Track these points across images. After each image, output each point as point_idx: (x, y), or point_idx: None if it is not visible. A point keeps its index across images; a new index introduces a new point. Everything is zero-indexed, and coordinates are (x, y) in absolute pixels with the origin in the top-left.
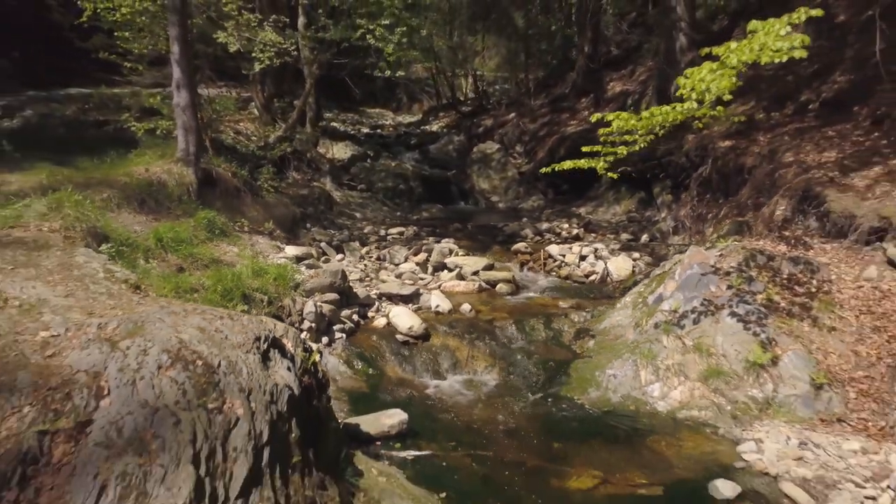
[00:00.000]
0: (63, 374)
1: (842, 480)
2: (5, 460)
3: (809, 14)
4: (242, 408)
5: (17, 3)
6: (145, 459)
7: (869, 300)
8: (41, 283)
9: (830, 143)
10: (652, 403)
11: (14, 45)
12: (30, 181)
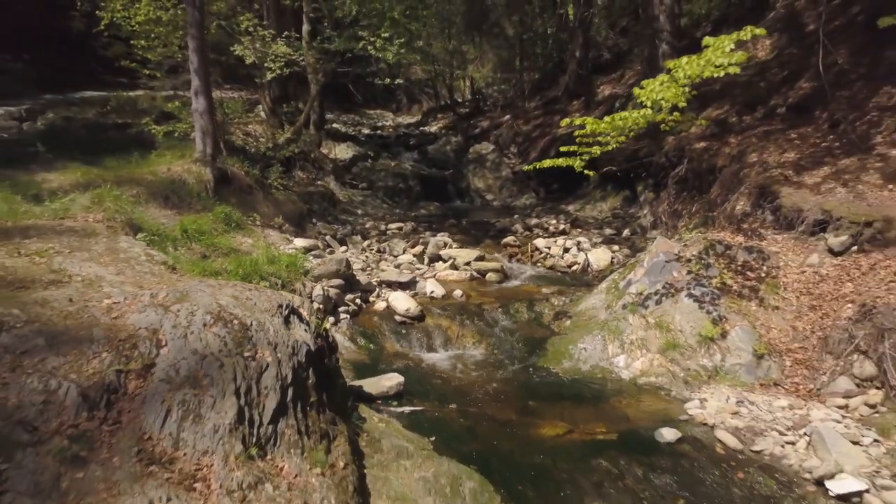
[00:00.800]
0: (128, 330)
1: (768, 429)
2: (94, 389)
3: (755, 32)
4: (271, 357)
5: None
6: (199, 391)
7: (809, 283)
8: (95, 264)
9: (791, 145)
10: (617, 372)
11: (25, 48)
12: (67, 179)
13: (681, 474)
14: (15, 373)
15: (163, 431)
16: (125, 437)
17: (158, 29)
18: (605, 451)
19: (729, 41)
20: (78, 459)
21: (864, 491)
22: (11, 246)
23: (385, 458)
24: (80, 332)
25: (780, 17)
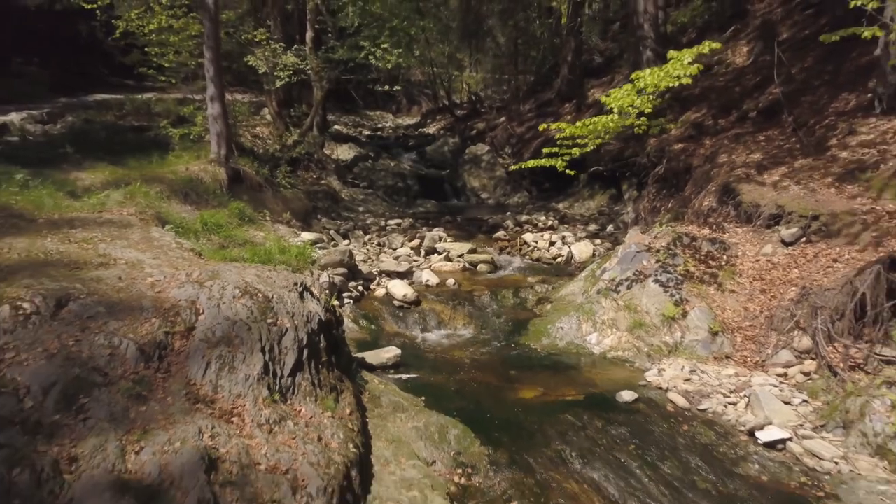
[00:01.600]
0: (171, 301)
1: (714, 392)
2: (148, 346)
3: (712, 46)
4: (289, 324)
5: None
6: (231, 349)
7: (762, 270)
8: (134, 250)
9: (758, 147)
10: (589, 348)
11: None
12: (97, 178)
13: (634, 427)
14: (85, 332)
15: (204, 379)
16: (175, 383)
17: (173, 38)
18: (572, 409)
19: (689, 55)
20: (140, 397)
21: (787, 439)
22: (62, 235)
23: (384, 411)
24: (132, 302)
25: (757, 25)
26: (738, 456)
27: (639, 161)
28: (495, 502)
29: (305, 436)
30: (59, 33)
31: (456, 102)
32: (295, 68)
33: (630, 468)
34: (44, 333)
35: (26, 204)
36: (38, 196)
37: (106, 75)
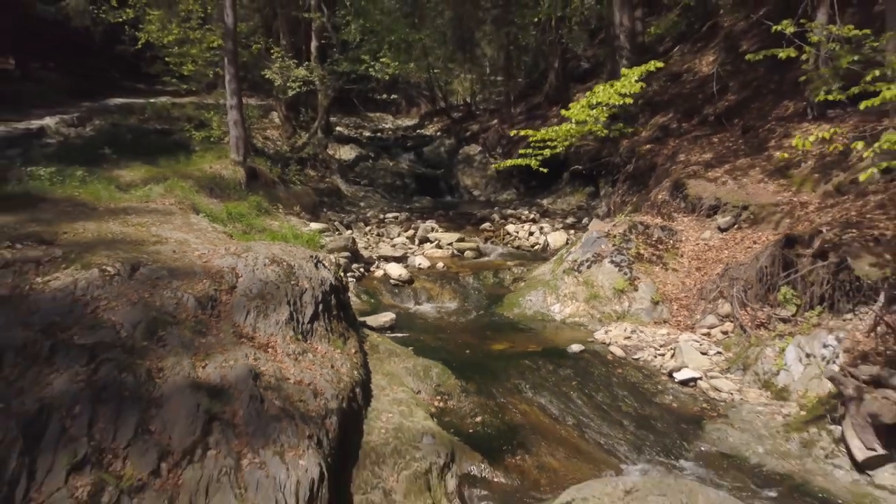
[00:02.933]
0: (216, 268)
1: (647, 346)
2: (203, 299)
3: (657, 65)
4: (308, 285)
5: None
6: (265, 302)
7: (699, 251)
8: (179, 231)
9: (711, 147)
10: (552, 315)
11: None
12: (136, 175)
13: (578, 369)
14: (155, 288)
15: (246, 322)
16: (224, 325)
17: (192, 51)
18: (531, 357)
19: (637, 72)
20: (201, 332)
21: (697, 378)
22: (120, 220)
23: (380, 356)
24: (186, 268)
25: (723, 37)
26: (657, 390)
27: (613, 161)
28: (464, 418)
29: (321, 364)
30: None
31: (452, 105)
32: (304, 80)
33: (570, 396)
34: (125, 289)
35: (87, 195)
36: (95, 189)
37: (118, 79)
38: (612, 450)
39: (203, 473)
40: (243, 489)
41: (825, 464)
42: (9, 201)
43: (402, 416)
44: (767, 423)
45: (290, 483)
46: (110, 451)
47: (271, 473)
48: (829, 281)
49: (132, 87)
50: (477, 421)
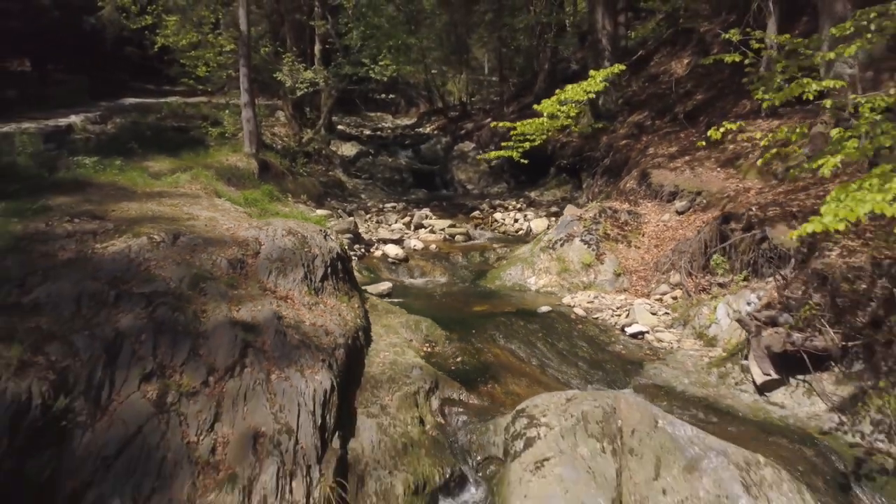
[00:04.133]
0: (242, 238)
1: (606, 308)
2: (233, 261)
3: (620, 68)
4: (318, 252)
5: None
6: (284, 264)
7: (658, 232)
8: (207, 210)
9: (677, 142)
10: (528, 286)
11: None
12: (163, 166)
13: (544, 324)
14: (194, 253)
15: (268, 280)
16: (251, 281)
17: (207, 54)
18: (506, 316)
19: (602, 74)
20: (233, 286)
21: (645, 332)
22: (156, 201)
23: (379, 313)
24: (217, 238)
25: (696, 42)
26: (610, 341)
27: (593, 156)
28: (447, 359)
29: (331, 312)
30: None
31: (449, 105)
32: (311, 81)
33: (536, 344)
34: (170, 253)
35: (126, 181)
36: (132, 176)
37: (127, 81)
38: (567, 382)
39: (241, 384)
40: (272, 395)
41: (735, 389)
42: (62, 186)
43: (396, 355)
44: (696, 363)
45: (308, 391)
46: (170, 367)
47: (294, 384)
48: (754, 249)
49: (142, 89)
50: (457, 360)
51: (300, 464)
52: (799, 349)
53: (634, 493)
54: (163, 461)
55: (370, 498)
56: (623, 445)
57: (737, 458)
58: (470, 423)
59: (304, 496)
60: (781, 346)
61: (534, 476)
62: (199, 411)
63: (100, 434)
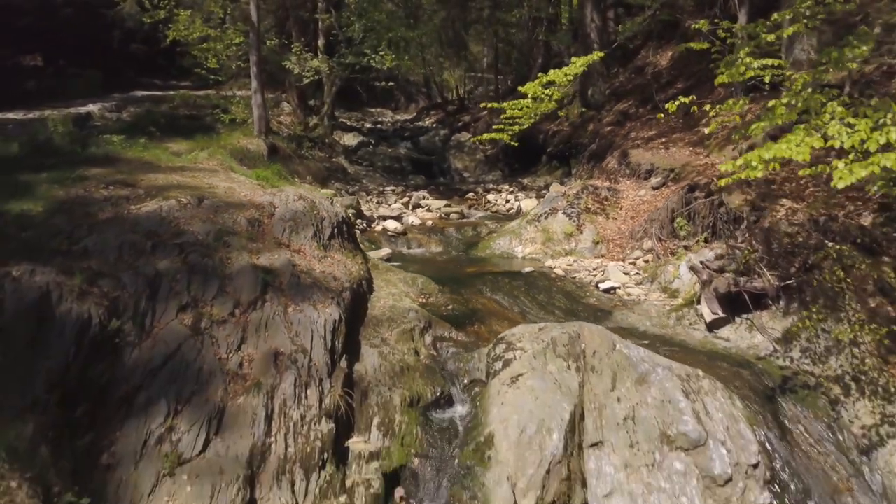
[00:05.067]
0: (258, 202)
1: (583, 270)
2: (251, 220)
3: (599, 55)
4: (326, 214)
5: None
6: (296, 223)
7: (635, 205)
8: (224, 182)
9: (657, 127)
10: (515, 254)
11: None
12: (180, 146)
13: (527, 281)
14: (217, 213)
15: (283, 236)
16: (268, 237)
17: (217, 46)
18: (494, 275)
19: (581, 61)
20: (253, 240)
21: (616, 287)
22: (179, 174)
23: (380, 271)
24: (237, 202)
25: (680, 35)
26: (584, 295)
27: (581, 142)
28: (440, 307)
29: (338, 264)
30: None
31: (447, 100)
32: (316, 69)
33: (518, 296)
34: (196, 213)
35: (150, 157)
36: (155, 153)
37: (134, 76)
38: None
39: (263, 315)
40: (289, 323)
41: (689, 329)
42: (94, 160)
43: (395, 301)
44: (658, 310)
45: (319, 320)
46: (202, 301)
47: (307, 315)
48: (713, 213)
49: (149, 84)
50: (449, 308)
51: (314, 377)
52: (741, 290)
53: (594, 401)
54: (199, 372)
55: (372, 408)
56: (585, 364)
57: (679, 372)
58: (458, 354)
59: (317, 401)
60: (726, 287)
61: (510, 388)
62: (228, 335)
63: (146, 351)
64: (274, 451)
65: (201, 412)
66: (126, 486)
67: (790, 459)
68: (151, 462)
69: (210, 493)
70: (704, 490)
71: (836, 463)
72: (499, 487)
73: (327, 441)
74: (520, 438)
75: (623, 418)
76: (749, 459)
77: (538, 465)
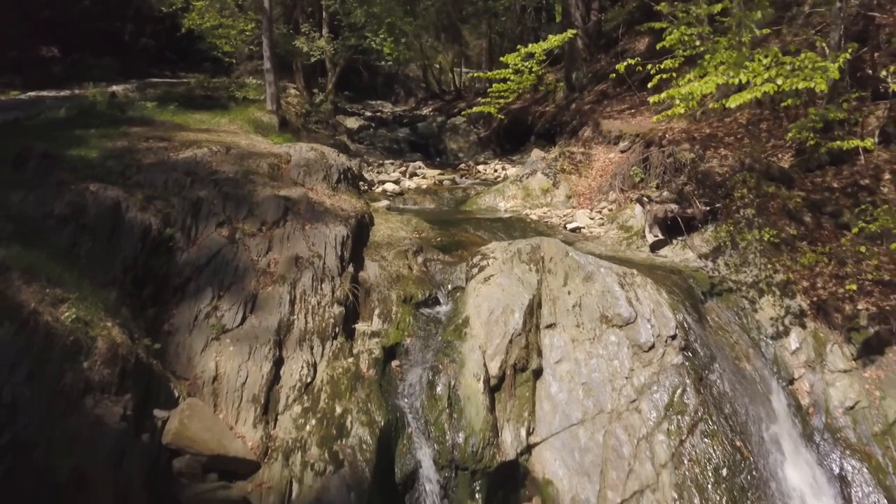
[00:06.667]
0: (276, 153)
1: (554, 216)
2: (271, 166)
3: (573, 32)
4: (333, 162)
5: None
6: (308, 169)
7: (604, 166)
8: (245, 140)
9: (631, 102)
10: (499, 208)
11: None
12: (202, 116)
13: (505, 223)
14: (243, 159)
15: (298, 178)
16: (285, 178)
17: (232, 32)
18: (478, 219)
19: (558, 38)
20: (273, 179)
21: (581, 227)
22: (205, 133)
23: (379, 214)
24: (258, 152)
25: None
26: (554, 233)
27: (565, 120)
28: (431, 239)
29: (344, 201)
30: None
31: (445, 90)
32: (322, 49)
33: (497, 232)
34: (225, 158)
35: (179, 120)
36: (183, 118)
37: (145, 67)
38: None
39: (284, 230)
40: (307, 236)
41: (635, 251)
42: (133, 121)
43: (392, 232)
44: (613, 241)
45: (331, 234)
46: (235, 219)
47: (321, 231)
48: (663, 163)
49: (159, 74)
50: (438, 240)
51: (327, 275)
52: (676, 215)
53: (549, 294)
54: (236, 269)
55: (373, 302)
56: (544, 267)
57: (617, 270)
58: (444, 268)
59: (330, 292)
60: (664, 214)
61: (483, 285)
62: (258, 244)
63: (193, 253)
64: (296, 325)
65: (239, 297)
66: (183, 345)
67: (702, 335)
68: (202, 331)
69: (248, 352)
70: (633, 355)
71: (740, 339)
72: (472, 354)
73: (338, 320)
74: (489, 318)
75: (572, 305)
76: (669, 332)
77: (503, 336)
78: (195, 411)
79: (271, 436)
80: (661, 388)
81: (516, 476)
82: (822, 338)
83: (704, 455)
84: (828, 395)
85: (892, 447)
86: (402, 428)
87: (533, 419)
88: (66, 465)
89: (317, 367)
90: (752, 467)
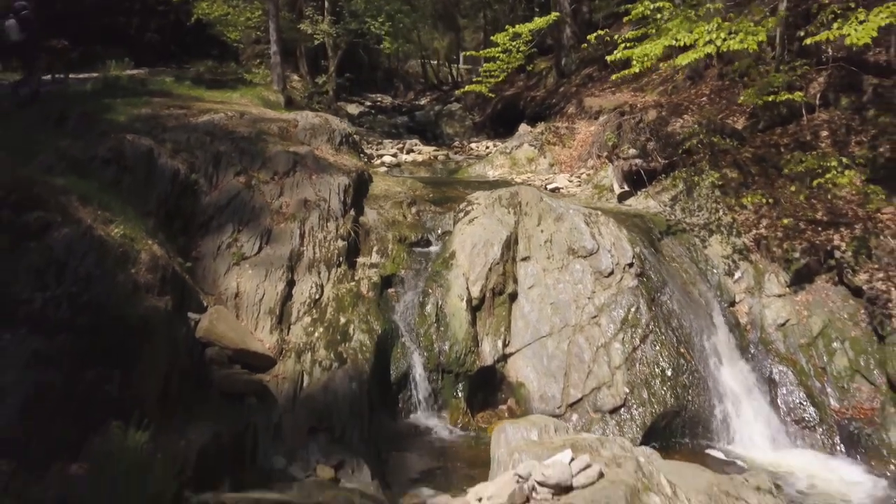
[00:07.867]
0: (285, 118)
1: (536, 181)
2: (281, 129)
3: (556, 15)
4: (336, 128)
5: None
6: (313, 132)
7: (585, 137)
8: (256, 109)
9: (612, 82)
10: (487, 176)
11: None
12: (215, 93)
13: (492, 185)
14: (255, 123)
15: (304, 139)
16: (293, 139)
17: (240, 19)
18: (468, 181)
19: (543, 20)
20: (283, 139)
21: (560, 188)
22: (220, 104)
23: (378, 175)
24: (269, 118)
25: None
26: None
27: (553, 102)
28: (424, 196)
29: (346, 160)
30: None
31: (442, 81)
32: (325, 32)
33: (483, 189)
34: (240, 122)
35: (195, 94)
36: (199, 92)
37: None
38: None
39: (294, 179)
40: (314, 184)
41: (606, 202)
42: (153, 93)
43: (389, 188)
44: (587, 196)
45: (335, 183)
46: (251, 168)
47: (326, 180)
48: (634, 128)
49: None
50: (430, 196)
51: (332, 215)
52: (639, 168)
53: (525, 232)
54: (252, 209)
55: (372, 241)
56: (521, 210)
57: (584, 211)
58: (435, 216)
59: (334, 229)
60: (629, 168)
61: (467, 226)
62: (271, 189)
63: (214, 197)
64: (306, 255)
65: (256, 231)
66: (209, 269)
67: (656, 264)
68: (224, 258)
69: (264, 274)
70: (595, 280)
71: (688, 269)
72: (457, 280)
73: (342, 252)
74: (472, 251)
75: (544, 241)
76: (626, 261)
77: (484, 265)
78: (221, 315)
79: (285, 340)
80: (618, 307)
81: (494, 381)
82: (761, 269)
83: (653, 359)
84: (763, 315)
85: (814, 356)
86: (396, 338)
87: (508, 333)
88: (134, 314)
89: (324, 288)
90: (694, 369)
